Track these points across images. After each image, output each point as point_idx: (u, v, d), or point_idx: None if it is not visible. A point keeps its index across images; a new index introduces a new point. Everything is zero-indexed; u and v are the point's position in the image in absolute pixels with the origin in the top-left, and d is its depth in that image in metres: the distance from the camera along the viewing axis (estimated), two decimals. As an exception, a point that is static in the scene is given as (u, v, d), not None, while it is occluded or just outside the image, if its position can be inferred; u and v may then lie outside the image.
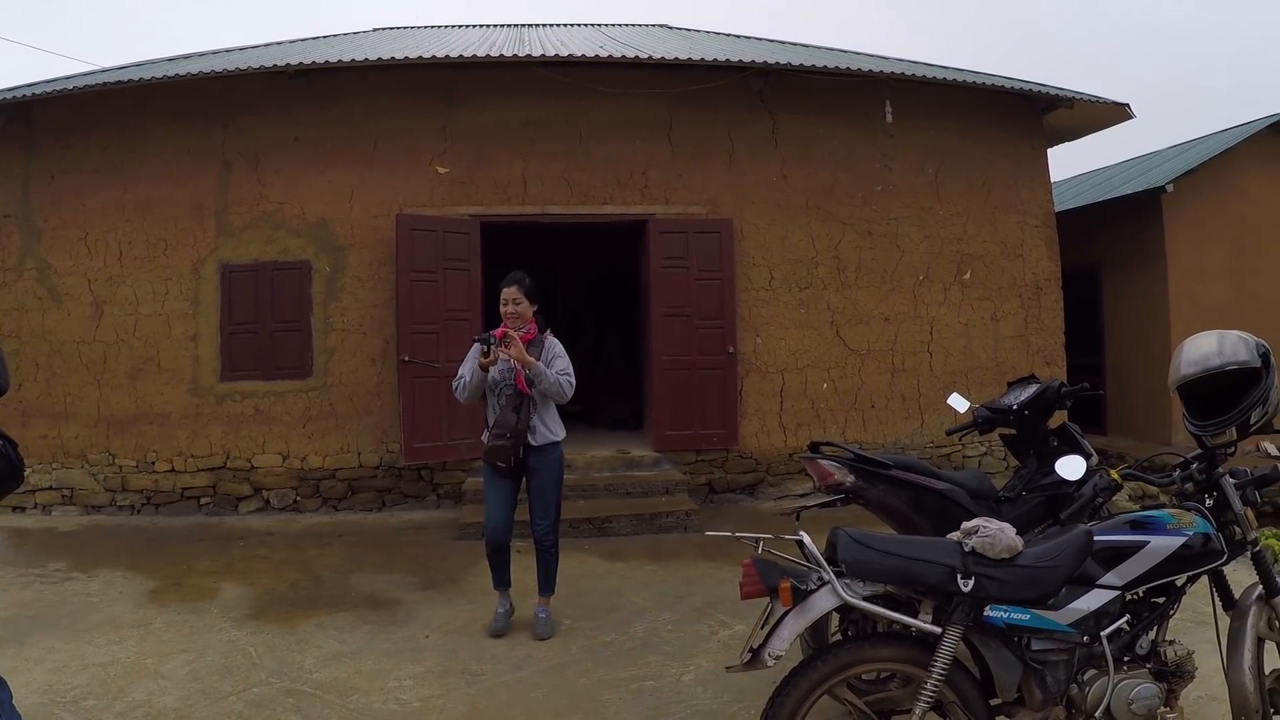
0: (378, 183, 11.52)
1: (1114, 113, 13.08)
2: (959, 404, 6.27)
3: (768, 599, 3.58)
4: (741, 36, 17.22)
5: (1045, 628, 3.64)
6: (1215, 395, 4.10)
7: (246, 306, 11.41)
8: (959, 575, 3.56)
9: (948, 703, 3.62)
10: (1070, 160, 63.03)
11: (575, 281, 17.73)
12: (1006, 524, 3.75)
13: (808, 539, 3.64)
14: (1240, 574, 4.27)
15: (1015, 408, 5.80)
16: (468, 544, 9.08)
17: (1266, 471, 4.10)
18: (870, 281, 12.25)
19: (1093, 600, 3.71)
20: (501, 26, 18.00)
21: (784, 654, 3.50)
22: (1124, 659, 3.79)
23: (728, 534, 3.92)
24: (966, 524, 3.78)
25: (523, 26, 17.71)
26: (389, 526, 10.55)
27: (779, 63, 11.78)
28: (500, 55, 11.50)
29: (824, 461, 5.24)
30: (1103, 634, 3.70)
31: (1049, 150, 13.49)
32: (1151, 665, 3.81)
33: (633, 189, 11.85)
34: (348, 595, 7.78)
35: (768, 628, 3.55)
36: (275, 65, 11.21)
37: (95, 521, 10.87)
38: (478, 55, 11.53)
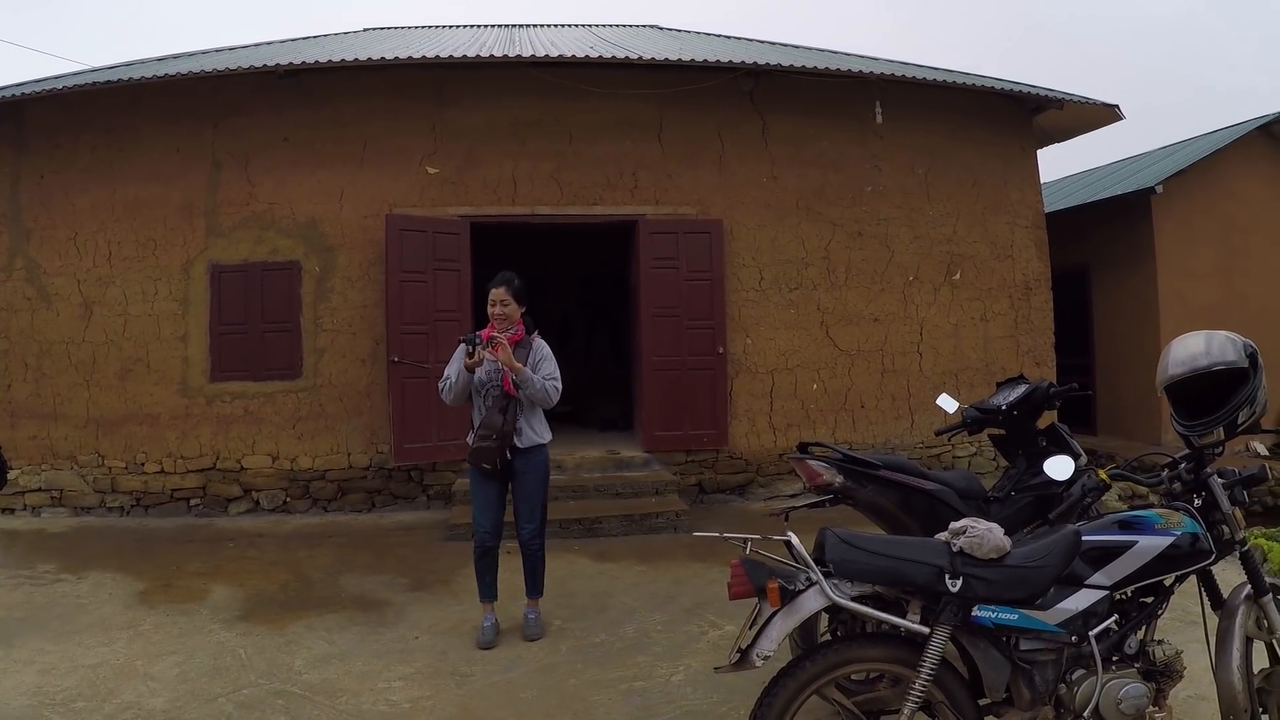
0: (368, 183, 11.50)
1: (1103, 114, 13.10)
2: (948, 404, 6.28)
3: (756, 599, 3.58)
4: (732, 37, 17.22)
5: (1033, 628, 3.64)
6: (1203, 395, 4.10)
7: (236, 307, 11.38)
8: (947, 575, 3.56)
9: (936, 703, 3.63)
10: (1061, 161, 63.18)
11: (565, 282, 17.71)
12: (994, 524, 3.76)
13: (796, 539, 3.64)
14: (1229, 574, 4.28)
15: (1004, 408, 5.82)
16: (457, 545, 9.06)
17: (1254, 471, 4.10)
18: (860, 282, 12.26)
19: (1081, 600, 3.71)
20: (492, 27, 17.99)
21: (772, 654, 3.50)
22: (1112, 659, 3.79)
23: (716, 534, 3.92)
24: (954, 524, 3.78)
25: (513, 27, 17.70)
26: (379, 527, 10.53)
27: (769, 63, 11.79)
28: (490, 55, 11.49)
29: (813, 462, 5.25)
30: (1091, 634, 3.70)
31: (1039, 151, 13.52)
32: (1140, 665, 3.81)
33: (623, 189, 11.84)
34: (337, 596, 7.77)
35: (756, 628, 3.55)
36: (265, 65, 11.18)
37: (84, 523, 10.84)
38: (468, 55, 11.52)
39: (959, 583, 3.55)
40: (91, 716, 5.26)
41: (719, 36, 17.48)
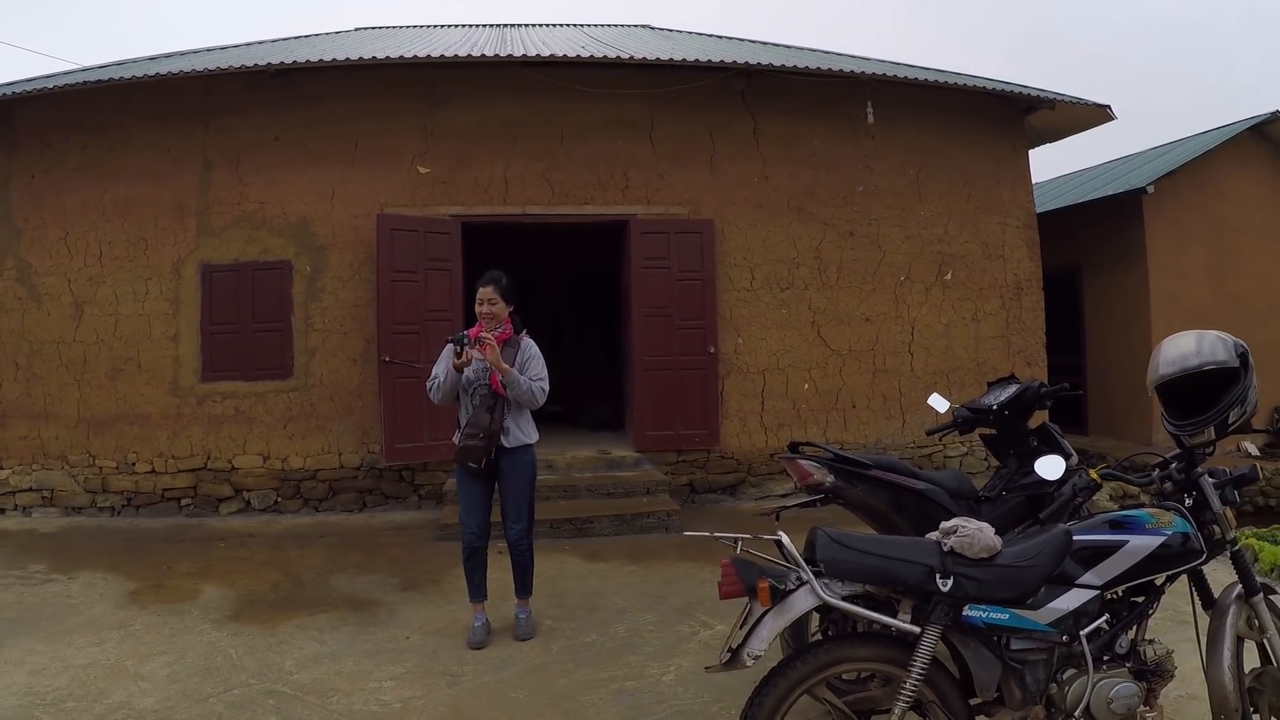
0: (359, 182, 11.48)
1: (1095, 114, 13.11)
2: (939, 404, 6.27)
3: (747, 599, 3.57)
4: (723, 37, 17.23)
5: (1024, 627, 3.64)
6: (1194, 395, 4.10)
7: (227, 306, 11.36)
8: (938, 575, 3.56)
9: (927, 702, 3.62)
10: (1054, 161, 63.16)
11: (557, 282, 17.71)
12: (985, 524, 3.76)
13: (786, 539, 3.63)
14: (1220, 573, 4.28)
15: (995, 408, 5.82)
16: (448, 544, 9.05)
17: (1245, 471, 4.10)
18: (851, 282, 12.26)
19: (1072, 600, 3.71)
20: (483, 26, 17.98)
21: (763, 654, 3.49)
22: (1103, 658, 3.79)
23: (707, 534, 3.91)
24: (945, 523, 3.78)
25: (504, 26, 17.68)
26: (370, 527, 10.52)
27: (760, 63, 11.80)
28: (482, 55, 11.48)
29: (804, 461, 5.24)
30: (1082, 633, 3.70)
31: (1030, 151, 13.52)
32: (1131, 664, 3.80)
33: (614, 189, 11.83)
34: (328, 596, 7.76)
35: (747, 628, 3.54)
36: (256, 65, 11.16)
37: (75, 523, 10.81)
38: (459, 55, 11.51)
39: (950, 582, 3.54)
40: (82, 717, 5.25)
41: (711, 36, 17.48)
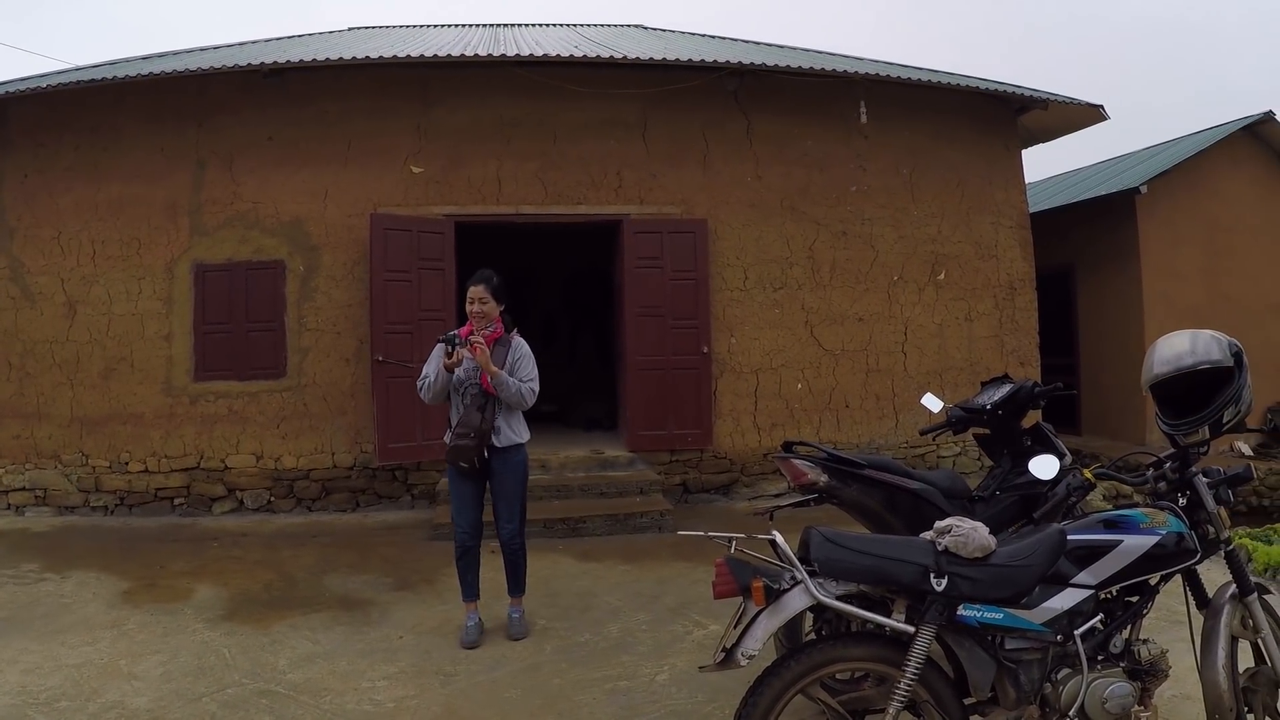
0: (352, 182, 11.47)
1: (1088, 114, 13.13)
2: (933, 404, 6.28)
3: (741, 598, 3.57)
4: (716, 37, 17.24)
5: (1019, 627, 3.64)
6: (1188, 394, 4.09)
7: (220, 306, 11.35)
8: (932, 574, 3.56)
9: (921, 702, 3.62)
10: (1047, 161, 63.23)
11: (550, 282, 17.71)
12: (980, 523, 3.75)
13: (781, 538, 3.63)
14: (1214, 573, 4.28)
15: (989, 407, 5.81)
16: (441, 544, 9.01)
17: (1240, 470, 4.09)
18: (845, 282, 12.26)
19: (1066, 599, 3.71)
20: (477, 26, 17.97)
21: (757, 653, 3.48)
22: (1098, 658, 3.78)
23: (701, 533, 3.91)
24: (940, 523, 3.77)
25: (498, 26, 17.67)
26: (363, 527, 10.51)
27: (753, 63, 11.80)
28: (475, 55, 11.48)
29: (798, 461, 5.24)
30: (1076, 633, 3.70)
31: (1023, 151, 13.54)
32: (1125, 664, 3.80)
33: (607, 189, 11.83)
34: (321, 596, 7.74)
35: (741, 627, 3.53)
36: (249, 64, 11.14)
37: (69, 522, 10.80)
38: (453, 55, 11.51)
39: (944, 582, 3.54)
40: (75, 716, 5.23)
41: (704, 36, 17.49)
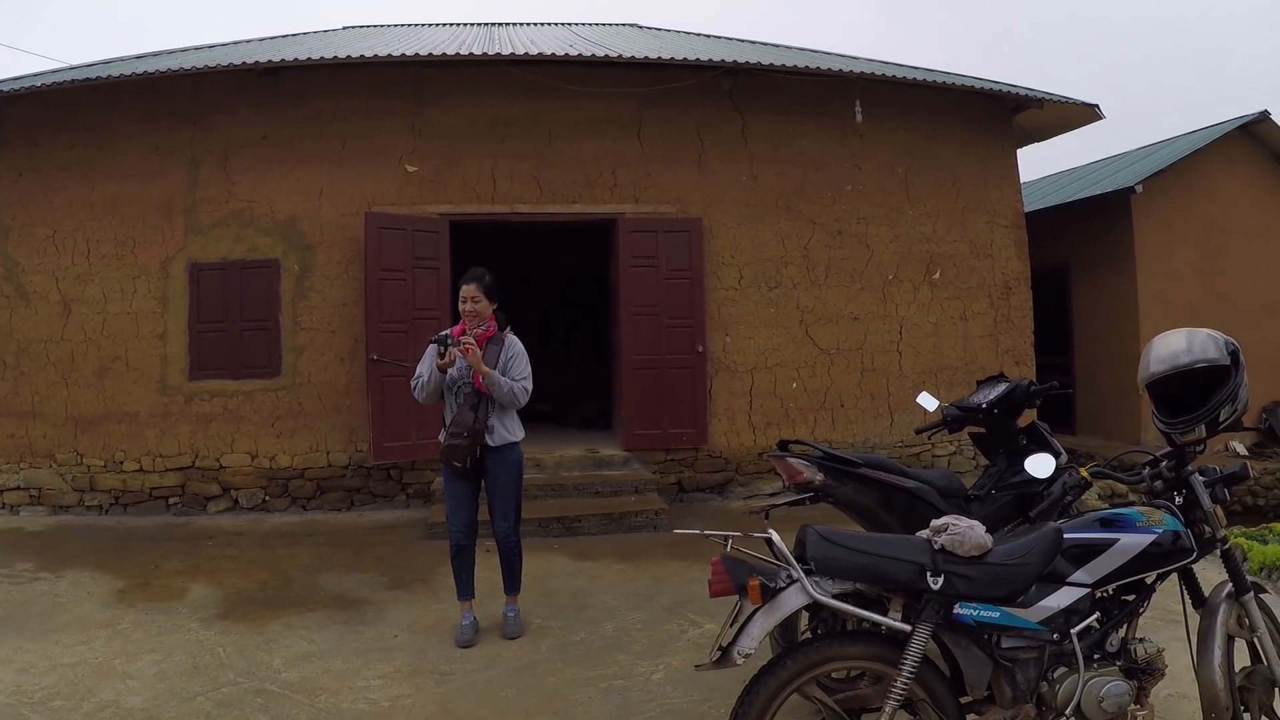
0: (347, 181, 11.46)
1: (1083, 113, 13.14)
2: (928, 403, 6.27)
3: (737, 597, 3.56)
4: (711, 36, 17.23)
5: (1015, 625, 3.63)
6: (1185, 393, 4.09)
7: (215, 305, 11.33)
8: (928, 573, 3.55)
9: (918, 700, 3.61)
10: (1042, 160, 63.32)
11: (545, 281, 17.71)
12: (976, 522, 3.75)
13: (777, 537, 3.62)
14: (1210, 572, 4.28)
15: (984, 406, 5.80)
16: (436, 543, 9.02)
17: (1236, 469, 4.09)
18: (840, 281, 12.26)
19: (1062, 598, 3.70)
20: (471, 25, 17.96)
21: (753, 652, 3.48)
22: (1094, 656, 3.78)
23: (697, 531, 3.91)
24: (936, 521, 3.77)
25: (493, 25, 17.67)
26: (358, 526, 10.50)
27: (748, 62, 11.79)
28: (470, 54, 11.51)
29: (793, 460, 5.23)
30: (1073, 631, 3.69)
31: (1019, 150, 13.54)
32: (1122, 663, 3.80)
33: (602, 188, 11.82)
34: (316, 595, 7.73)
35: (737, 626, 3.53)
36: (244, 63, 11.12)
37: (63, 521, 10.78)
38: (448, 54, 11.51)
39: (940, 580, 3.54)
40: (70, 715, 5.22)
41: (699, 35, 17.49)
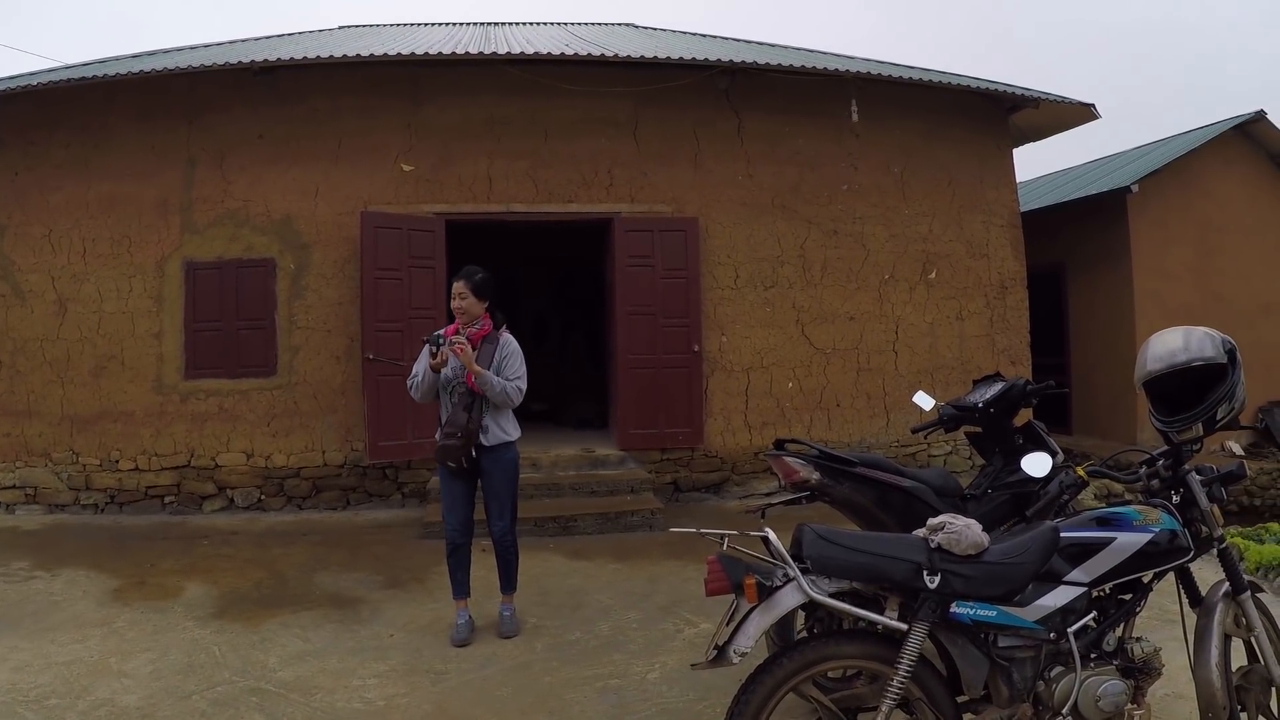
0: (342, 180, 11.45)
1: (1079, 113, 13.14)
2: (924, 402, 6.27)
3: (733, 596, 3.55)
4: (707, 36, 17.24)
5: (1012, 624, 3.63)
6: (1182, 392, 4.08)
7: (211, 304, 11.31)
8: (925, 572, 3.55)
9: (914, 700, 3.61)
10: (1038, 160, 63.31)
11: (541, 280, 17.69)
12: (972, 520, 3.75)
13: (773, 535, 3.62)
14: (1206, 571, 4.28)
15: (980, 405, 5.81)
16: (432, 543, 9.02)
17: (1233, 468, 4.10)
18: (836, 280, 12.26)
19: (1059, 597, 3.70)
20: (467, 25, 17.96)
21: (749, 651, 3.47)
22: (1091, 656, 3.78)
23: (693, 530, 3.90)
24: (932, 520, 3.77)
25: (489, 25, 17.66)
26: (353, 525, 10.50)
27: (745, 61, 11.79)
28: (466, 53, 11.49)
29: (789, 459, 5.23)
30: (1069, 631, 3.69)
31: (1015, 150, 13.54)
32: (1118, 662, 3.80)
33: (598, 187, 11.81)
34: (312, 594, 7.73)
35: (733, 625, 3.53)
36: (240, 62, 11.10)
37: (59, 520, 10.76)
38: (443, 53, 11.51)
39: (937, 579, 3.54)
40: (65, 714, 5.22)
41: (695, 35, 17.49)
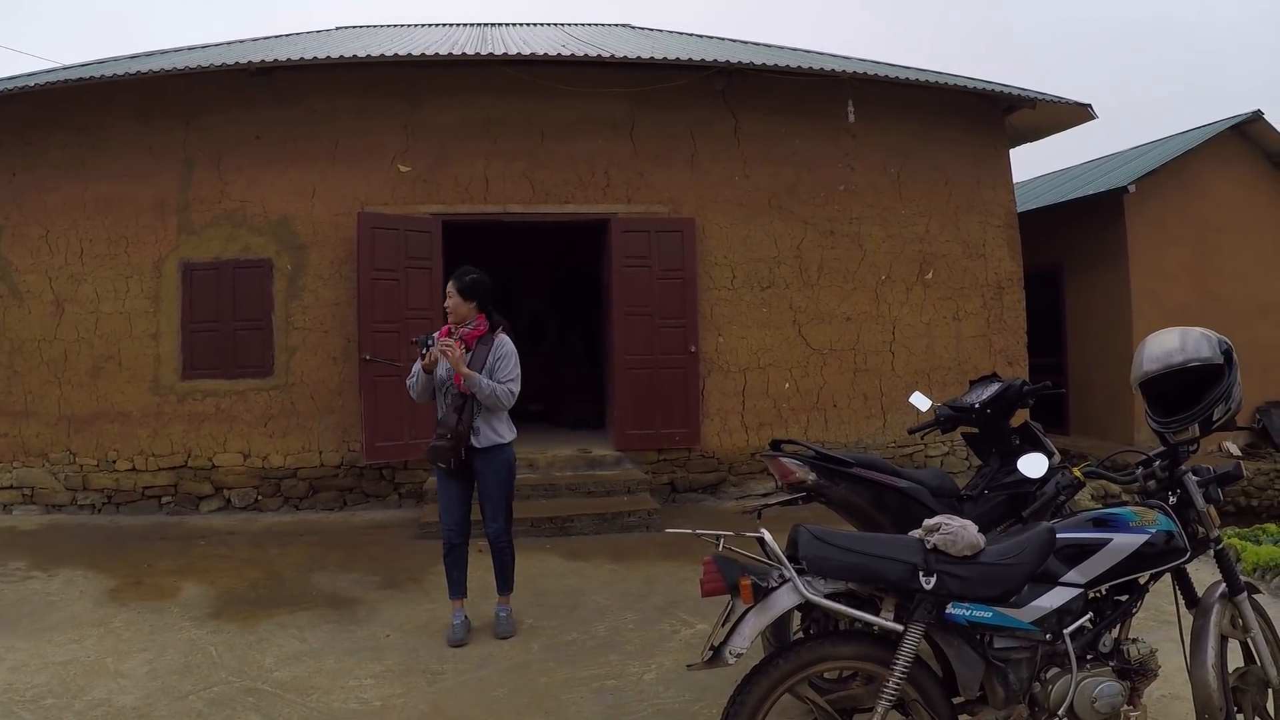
0: (339, 181, 11.44)
1: (1076, 113, 13.14)
2: (921, 403, 6.27)
3: (729, 597, 3.55)
4: (704, 36, 17.23)
5: (1008, 625, 3.63)
6: (1178, 392, 4.08)
7: (208, 305, 11.31)
8: (921, 573, 3.54)
9: (910, 701, 3.60)
10: (1035, 160, 63.35)
11: (538, 281, 17.68)
12: (968, 521, 3.75)
13: (769, 536, 3.61)
14: (1203, 573, 4.28)
15: (977, 406, 5.81)
16: (429, 543, 9.00)
17: (1229, 469, 4.10)
18: (832, 281, 12.26)
19: (1055, 598, 3.70)
20: (464, 25, 17.95)
21: (745, 652, 3.46)
22: (1087, 657, 3.77)
23: (689, 531, 3.90)
24: (928, 521, 3.76)
25: (485, 25, 17.66)
26: (350, 525, 10.50)
27: (741, 62, 11.79)
28: (463, 54, 11.47)
29: (786, 459, 5.22)
30: (1065, 632, 3.69)
31: (1011, 150, 13.53)
32: (1115, 663, 3.80)
33: (595, 188, 11.81)
34: (309, 594, 7.73)
35: (729, 625, 3.52)
36: (237, 63, 11.10)
37: (56, 521, 10.76)
38: (440, 54, 11.50)
39: (933, 580, 3.53)
40: (62, 714, 5.21)
41: (691, 35, 17.48)
